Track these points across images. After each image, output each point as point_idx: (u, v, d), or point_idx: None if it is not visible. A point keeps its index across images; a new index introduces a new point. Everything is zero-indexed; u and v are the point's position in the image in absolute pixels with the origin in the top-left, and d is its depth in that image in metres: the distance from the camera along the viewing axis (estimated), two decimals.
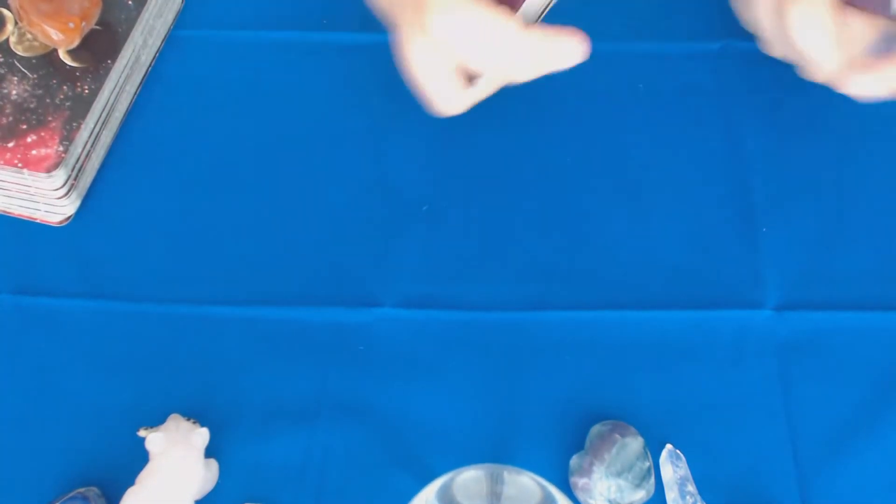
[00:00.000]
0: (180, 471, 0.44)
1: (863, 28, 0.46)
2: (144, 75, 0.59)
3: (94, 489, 0.45)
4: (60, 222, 0.54)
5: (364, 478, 0.47)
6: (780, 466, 0.47)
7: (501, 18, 0.42)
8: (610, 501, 0.45)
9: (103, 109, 0.55)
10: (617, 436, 0.46)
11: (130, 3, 0.58)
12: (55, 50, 0.56)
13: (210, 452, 0.46)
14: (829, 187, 0.55)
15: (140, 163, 0.56)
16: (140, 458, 0.44)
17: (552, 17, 0.61)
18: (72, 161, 0.53)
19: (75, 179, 0.54)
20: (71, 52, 0.56)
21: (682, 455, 0.47)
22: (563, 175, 0.56)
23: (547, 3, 0.45)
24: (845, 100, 0.59)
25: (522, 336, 0.51)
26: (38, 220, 0.54)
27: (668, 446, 0.47)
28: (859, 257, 0.53)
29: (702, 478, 0.46)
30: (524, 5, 0.44)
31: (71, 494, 0.45)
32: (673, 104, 0.58)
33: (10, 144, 0.52)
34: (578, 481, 0.46)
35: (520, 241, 0.54)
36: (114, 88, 0.56)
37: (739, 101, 0.58)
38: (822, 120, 0.58)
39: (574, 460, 0.47)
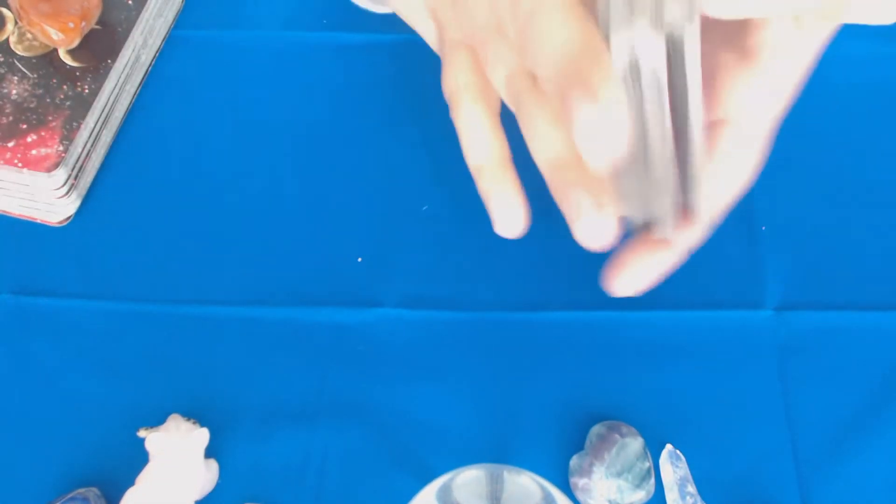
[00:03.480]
0: (180, 471, 0.44)
1: None
2: (144, 75, 0.59)
3: (94, 489, 0.45)
4: (60, 222, 0.54)
5: (364, 478, 0.47)
6: (780, 466, 0.47)
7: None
8: (610, 501, 0.45)
9: (103, 109, 0.55)
10: (617, 436, 0.46)
11: (130, 3, 0.58)
12: (55, 50, 0.56)
13: (210, 452, 0.46)
14: (830, 187, 0.55)
15: (140, 163, 0.56)
16: (140, 458, 0.44)
17: None
18: (72, 161, 0.53)
19: (75, 179, 0.54)
20: (71, 52, 0.56)
21: (682, 455, 0.47)
22: None
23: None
24: (845, 100, 0.59)
25: (522, 336, 0.51)
26: (38, 220, 0.54)
27: (668, 446, 0.47)
28: (859, 257, 0.53)
29: (702, 478, 0.46)
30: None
31: (71, 494, 0.45)
32: None
33: (10, 144, 0.52)
34: (578, 481, 0.46)
35: (520, 242, 0.54)
36: (114, 88, 0.56)
37: None
38: (822, 119, 0.58)
39: (574, 460, 0.47)
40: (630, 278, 0.43)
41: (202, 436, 0.45)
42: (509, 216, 0.40)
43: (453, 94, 0.38)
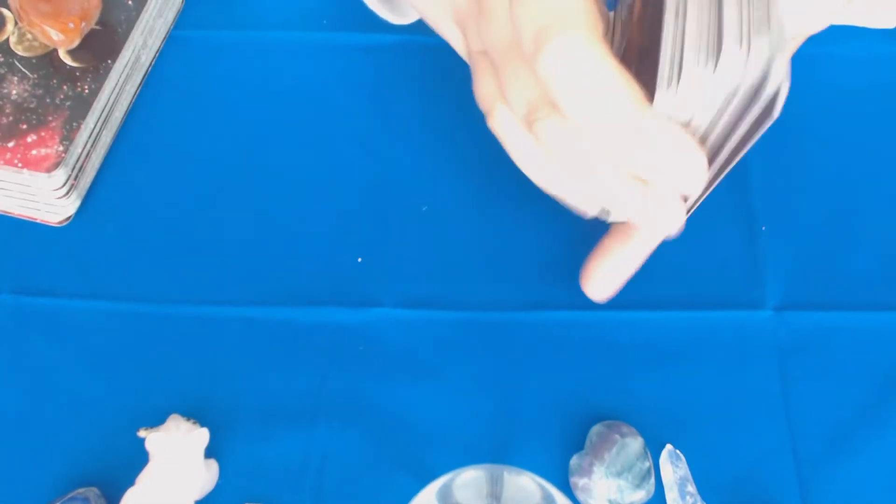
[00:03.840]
0: (180, 471, 0.44)
1: None
2: (144, 75, 0.59)
3: (94, 489, 0.45)
4: (60, 222, 0.54)
5: (364, 478, 0.47)
6: (780, 466, 0.47)
7: (634, 90, 0.33)
8: (610, 501, 0.45)
9: (103, 109, 0.55)
10: (617, 436, 0.46)
11: (130, 3, 0.58)
12: (55, 50, 0.56)
13: (210, 452, 0.46)
14: (830, 187, 0.55)
15: (140, 163, 0.56)
16: (140, 458, 0.44)
17: None
18: (72, 161, 0.53)
19: (75, 179, 0.54)
20: (71, 52, 0.56)
21: (682, 455, 0.47)
22: None
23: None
24: (846, 99, 0.59)
25: (522, 336, 0.51)
26: (38, 220, 0.54)
27: (668, 446, 0.47)
28: (859, 257, 0.53)
29: (702, 478, 0.46)
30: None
31: (71, 494, 0.45)
32: None
33: (10, 144, 0.52)
34: (578, 481, 0.46)
35: (520, 241, 0.54)
36: (114, 88, 0.56)
37: None
38: (822, 119, 0.58)
39: (574, 460, 0.47)
40: (602, 284, 0.45)
41: (202, 436, 0.45)
42: (584, 201, 0.41)
43: (486, 103, 0.39)
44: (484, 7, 0.38)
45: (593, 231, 0.54)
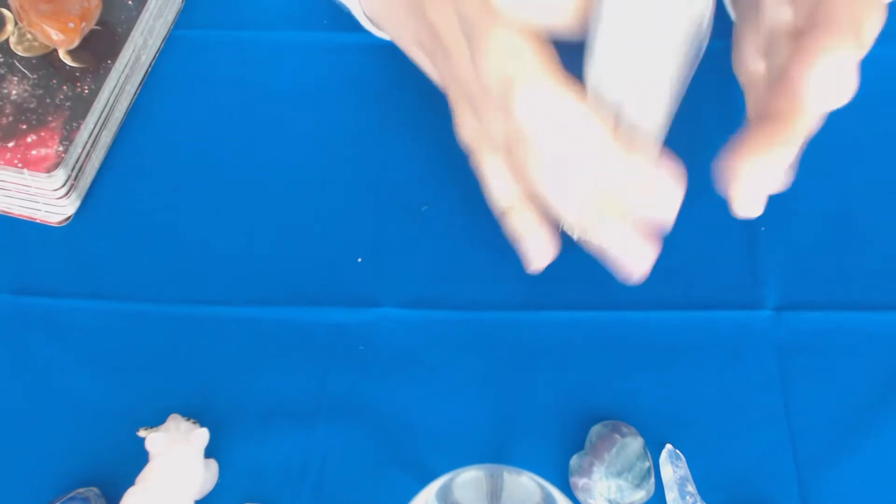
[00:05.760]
0: (180, 471, 0.44)
1: None
2: (144, 75, 0.59)
3: (94, 489, 0.45)
4: (60, 222, 0.54)
5: (364, 478, 0.47)
6: (780, 466, 0.47)
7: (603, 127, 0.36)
8: (610, 501, 0.45)
9: (103, 109, 0.55)
10: (617, 436, 0.46)
11: (130, 3, 0.58)
12: (55, 50, 0.56)
13: (210, 452, 0.46)
14: (830, 186, 0.55)
15: (140, 163, 0.56)
16: (140, 458, 0.44)
17: None
18: (72, 161, 0.53)
19: (75, 179, 0.54)
20: (71, 53, 0.56)
21: (682, 455, 0.47)
22: None
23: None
24: None
25: (522, 336, 0.51)
26: (38, 220, 0.54)
27: (668, 446, 0.47)
28: (859, 257, 0.53)
29: (702, 478, 0.46)
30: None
31: (71, 494, 0.45)
32: None
33: (10, 144, 0.52)
34: (578, 481, 0.46)
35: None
36: (114, 88, 0.56)
37: (739, 100, 0.58)
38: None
39: (574, 460, 0.47)
40: (751, 187, 0.42)
41: (202, 436, 0.45)
42: (542, 250, 0.45)
43: (471, 145, 0.43)
44: (446, 47, 0.39)
45: None
